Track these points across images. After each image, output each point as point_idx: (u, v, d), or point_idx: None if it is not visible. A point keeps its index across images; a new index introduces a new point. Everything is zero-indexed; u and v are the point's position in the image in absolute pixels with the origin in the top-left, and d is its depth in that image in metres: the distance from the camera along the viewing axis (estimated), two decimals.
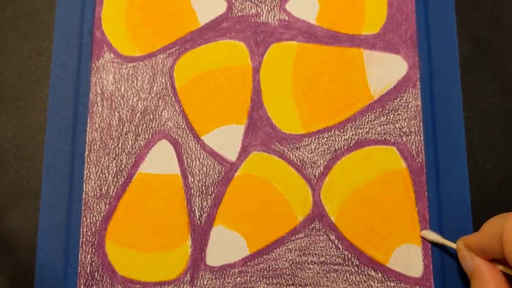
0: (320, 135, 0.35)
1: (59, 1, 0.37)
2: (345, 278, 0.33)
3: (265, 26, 0.37)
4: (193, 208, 0.34)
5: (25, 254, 0.34)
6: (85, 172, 0.35)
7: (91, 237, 0.34)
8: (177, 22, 0.37)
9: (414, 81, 0.36)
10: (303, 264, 0.33)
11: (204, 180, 0.35)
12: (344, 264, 0.33)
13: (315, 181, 0.35)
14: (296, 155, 0.35)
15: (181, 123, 0.35)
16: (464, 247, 0.30)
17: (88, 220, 0.34)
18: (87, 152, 0.35)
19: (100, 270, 0.33)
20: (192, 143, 0.35)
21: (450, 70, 0.36)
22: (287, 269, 0.33)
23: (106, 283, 0.33)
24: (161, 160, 0.35)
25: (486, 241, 0.28)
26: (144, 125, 0.35)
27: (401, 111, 0.36)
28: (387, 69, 0.36)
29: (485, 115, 0.36)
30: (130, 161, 0.35)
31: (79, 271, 0.33)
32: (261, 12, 0.37)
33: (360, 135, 0.35)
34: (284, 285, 0.33)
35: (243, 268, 0.33)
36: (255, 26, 0.37)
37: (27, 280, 0.33)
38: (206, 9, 0.37)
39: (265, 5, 0.37)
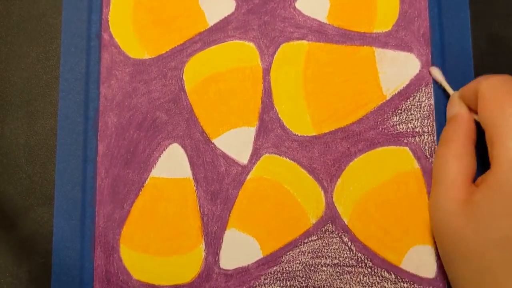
0: (332, 136, 0.35)
1: (65, 3, 0.36)
2: (358, 280, 0.33)
3: (274, 25, 0.36)
4: (205, 212, 0.34)
5: (41, 260, 0.34)
6: (97, 177, 0.35)
7: (105, 242, 0.34)
8: (185, 23, 0.36)
9: (427, 80, 0.35)
10: (316, 266, 0.34)
11: (216, 183, 0.35)
12: (358, 266, 0.33)
13: (327, 183, 0.34)
14: (308, 157, 0.35)
15: (192, 126, 0.35)
16: (457, 96, 0.32)
17: (102, 225, 0.34)
18: (99, 157, 0.35)
19: (115, 274, 0.34)
20: (203, 146, 0.35)
21: (464, 68, 0.35)
22: (300, 272, 0.34)
23: (121, 287, 0.33)
24: (173, 164, 0.35)
25: (467, 94, 0.30)
26: (155, 128, 0.35)
27: (414, 110, 0.35)
28: (399, 68, 0.36)
29: None
30: (142, 165, 0.35)
31: (94, 276, 0.34)
32: (271, 11, 0.36)
33: (373, 136, 0.35)
34: (297, 287, 0.33)
35: (257, 271, 0.34)
36: (265, 26, 0.36)
37: (43, 286, 0.34)
38: (215, 9, 0.36)
39: (275, 4, 0.36)
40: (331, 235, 0.34)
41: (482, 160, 0.33)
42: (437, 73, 0.34)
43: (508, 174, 0.25)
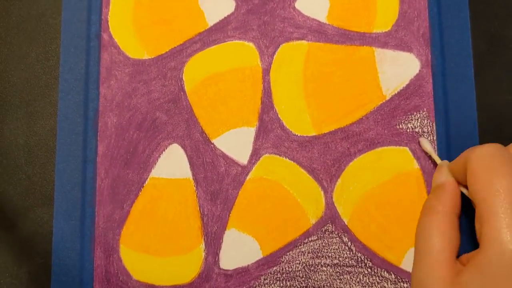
0: (332, 137, 0.35)
1: (65, 3, 0.36)
2: (358, 280, 0.33)
3: (274, 25, 0.36)
4: (205, 212, 0.34)
5: (41, 260, 0.34)
6: (97, 177, 0.35)
7: (105, 243, 0.34)
8: (185, 23, 0.36)
9: (426, 80, 0.35)
10: (316, 266, 0.34)
11: (216, 184, 0.35)
12: (357, 266, 0.33)
13: (327, 183, 0.34)
14: (308, 157, 0.35)
15: (191, 127, 0.35)
16: (445, 165, 0.31)
17: (102, 226, 0.34)
18: (98, 157, 0.35)
19: (115, 275, 0.34)
20: (203, 147, 0.35)
21: (464, 68, 0.35)
22: (300, 272, 0.34)
23: (121, 287, 0.33)
24: (172, 164, 0.35)
25: (457, 168, 0.30)
26: (155, 128, 0.35)
27: (413, 110, 0.35)
28: (399, 68, 0.36)
29: (499, 114, 0.35)
30: (142, 166, 0.35)
31: (94, 276, 0.34)
32: (271, 11, 0.36)
33: (372, 136, 0.35)
34: (297, 287, 0.33)
35: (257, 271, 0.34)
36: (265, 26, 0.36)
37: (43, 286, 0.34)
38: (214, 9, 0.36)
39: (274, 4, 0.36)
40: (331, 235, 0.34)
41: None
42: (426, 144, 0.34)
43: (498, 256, 0.23)
